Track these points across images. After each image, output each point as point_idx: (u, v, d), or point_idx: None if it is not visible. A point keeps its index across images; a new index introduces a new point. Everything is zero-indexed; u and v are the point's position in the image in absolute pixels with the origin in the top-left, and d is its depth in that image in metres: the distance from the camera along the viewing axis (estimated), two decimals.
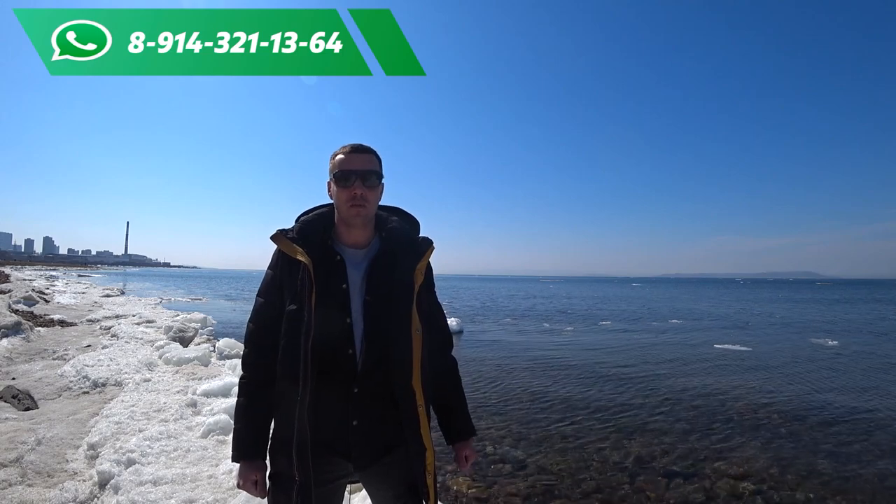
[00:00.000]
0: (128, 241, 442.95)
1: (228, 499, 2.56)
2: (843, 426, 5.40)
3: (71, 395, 4.85)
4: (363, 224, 1.34)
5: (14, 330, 7.72)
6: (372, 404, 1.28)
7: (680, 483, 3.81)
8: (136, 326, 9.46)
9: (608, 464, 4.16)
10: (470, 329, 13.99)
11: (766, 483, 3.84)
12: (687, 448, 4.57)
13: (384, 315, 1.28)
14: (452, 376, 1.49)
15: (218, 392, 4.42)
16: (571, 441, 4.71)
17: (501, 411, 5.70)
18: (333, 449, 1.27)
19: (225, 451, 3.19)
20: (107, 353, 6.44)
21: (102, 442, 3.35)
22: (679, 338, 13.12)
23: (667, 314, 21.03)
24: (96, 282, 37.68)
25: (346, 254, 1.33)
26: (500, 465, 4.05)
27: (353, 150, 1.32)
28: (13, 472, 3.00)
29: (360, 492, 2.49)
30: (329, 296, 1.26)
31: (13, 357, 6.46)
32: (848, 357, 10.23)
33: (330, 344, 1.24)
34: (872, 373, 8.62)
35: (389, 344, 1.27)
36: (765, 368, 8.79)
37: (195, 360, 5.89)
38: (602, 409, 5.89)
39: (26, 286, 19.72)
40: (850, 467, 4.23)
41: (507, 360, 9.08)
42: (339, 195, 1.31)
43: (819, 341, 12.58)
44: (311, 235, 1.33)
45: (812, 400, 6.55)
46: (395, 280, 1.31)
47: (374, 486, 1.36)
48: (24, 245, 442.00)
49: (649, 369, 8.52)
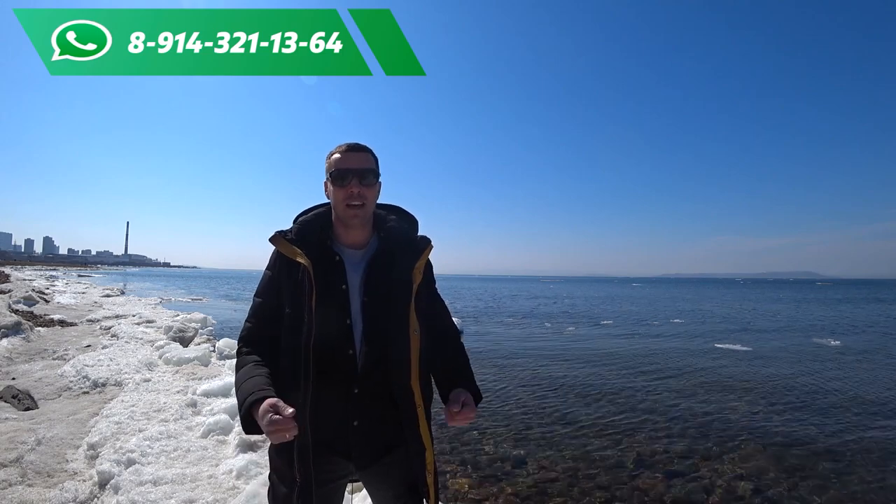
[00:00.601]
0: (128, 241, 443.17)
1: (228, 499, 2.56)
2: (845, 427, 5.40)
3: (71, 395, 4.85)
4: (361, 223, 1.34)
5: (14, 330, 7.72)
6: (372, 404, 1.28)
7: (680, 483, 3.81)
8: (136, 326, 9.46)
9: (608, 463, 4.16)
10: (472, 328, 13.99)
11: (766, 483, 3.84)
12: (687, 448, 4.57)
13: (383, 315, 1.28)
14: (462, 357, 1.43)
15: (218, 392, 4.41)
16: (571, 440, 4.70)
17: (502, 410, 5.70)
18: (334, 449, 1.27)
19: (225, 451, 3.19)
20: (107, 353, 6.44)
21: (102, 442, 3.35)
22: (682, 337, 13.11)
23: (669, 314, 21.03)
24: (96, 282, 37.67)
25: (345, 254, 1.33)
26: (500, 465, 4.05)
27: (350, 149, 1.32)
28: (13, 472, 3.00)
29: (360, 492, 2.49)
30: (329, 297, 1.26)
31: (13, 357, 6.46)
32: (852, 356, 10.20)
33: (330, 344, 1.24)
34: (878, 372, 8.60)
35: (388, 344, 1.27)
36: (767, 368, 8.79)
37: (195, 360, 5.89)
38: (603, 408, 5.89)
39: (26, 286, 19.71)
40: (851, 468, 4.22)
41: (507, 360, 9.08)
42: (336, 194, 1.31)
43: (822, 341, 12.55)
44: (310, 236, 1.32)
45: (814, 400, 6.55)
46: (394, 279, 1.31)
47: (374, 485, 1.36)
48: (24, 245, 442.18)
49: (651, 369, 8.52)
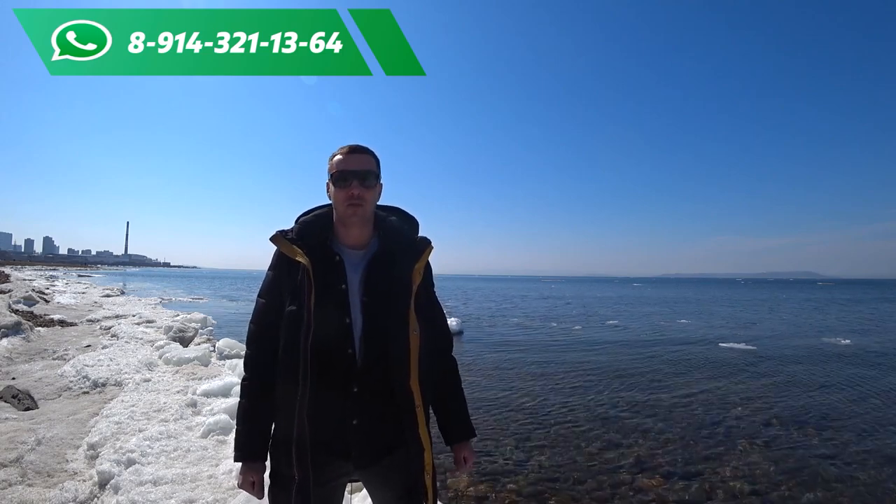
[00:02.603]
0: (128, 241, 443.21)
1: (228, 499, 2.56)
2: (847, 426, 5.40)
3: (71, 395, 4.85)
4: (361, 224, 1.35)
5: (14, 330, 7.72)
6: (371, 403, 1.28)
7: (680, 483, 3.81)
8: (136, 326, 9.46)
9: (609, 463, 4.16)
10: (474, 328, 13.99)
11: (766, 484, 3.84)
12: (688, 448, 4.57)
13: (382, 315, 1.29)
14: (452, 376, 1.49)
15: (218, 392, 4.41)
16: (572, 440, 4.71)
17: (502, 410, 5.70)
18: (332, 449, 1.27)
19: (225, 451, 3.19)
20: (107, 353, 6.44)
21: (102, 442, 3.35)
22: (686, 337, 13.11)
23: (672, 314, 21.02)
24: (96, 282, 37.68)
25: (345, 254, 1.34)
26: (500, 465, 4.05)
27: (351, 151, 1.33)
28: (13, 472, 3.00)
29: (360, 492, 2.49)
30: (328, 296, 1.27)
31: (13, 357, 6.46)
32: (862, 357, 10.11)
33: (329, 343, 1.25)
34: (890, 373, 8.53)
35: (388, 343, 1.28)
36: (771, 368, 8.79)
37: (195, 360, 5.89)
38: (603, 408, 5.89)
39: (26, 286, 19.72)
40: (852, 469, 4.23)
41: (508, 360, 9.09)
42: (337, 195, 1.32)
43: (831, 340, 12.46)
44: (310, 236, 1.33)
45: (815, 401, 6.55)
46: (394, 280, 1.32)
47: (373, 485, 1.37)
48: (24, 245, 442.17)
49: (653, 369, 8.53)
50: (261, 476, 1.35)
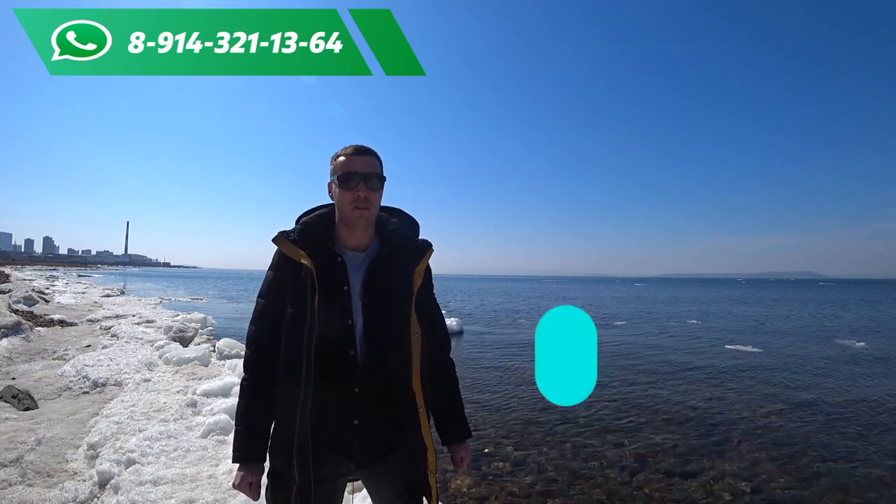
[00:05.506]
0: (128, 241, 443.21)
1: (228, 499, 2.56)
2: (848, 427, 5.40)
3: (71, 395, 4.85)
4: (365, 226, 1.34)
5: (14, 330, 7.72)
6: (373, 404, 1.28)
7: (680, 483, 3.80)
8: (136, 326, 9.45)
9: (608, 463, 4.15)
10: (476, 330, 13.99)
11: (767, 484, 3.84)
12: (688, 448, 4.56)
13: (384, 316, 1.29)
14: (449, 377, 1.49)
15: (218, 392, 4.41)
16: (572, 440, 4.70)
17: (502, 410, 5.70)
18: (334, 448, 1.27)
19: (225, 450, 3.19)
20: (107, 353, 6.44)
21: (102, 442, 3.35)
22: (690, 337, 13.06)
23: (677, 314, 20.95)
24: (96, 282, 37.67)
25: (347, 256, 1.34)
26: (500, 465, 4.05)
27: (356, 152, 1.32)
28: (13, 472, 3.00)
29: (360, 491, 2.48)
30: (331, 298, 1.27)
31: (13, 357, 6.46)
32: (883, 361, 9.83)
33: (332, 345, 1.25)
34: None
35: (389, 344, 1.28)
36: (774, 369, 8.77)
37: (195, 360, 5.89)
38: (604, 408, 5.89)
39: (26, 286, 19.71)
40: (853, 469, 4.22)
41: (509, 360, 9.08)
42: (342, 197, 1.31)
43: (844, 342, 12.21)
44: (313, 237, 1.33)
45: (817, 401, 6.54)
46: (395, 282, 1.32)
47: (374, 485, 1.37)
48: (25, 245, 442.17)
49: (654, 369, 8.52)
50: (259, 477, 1.34)
